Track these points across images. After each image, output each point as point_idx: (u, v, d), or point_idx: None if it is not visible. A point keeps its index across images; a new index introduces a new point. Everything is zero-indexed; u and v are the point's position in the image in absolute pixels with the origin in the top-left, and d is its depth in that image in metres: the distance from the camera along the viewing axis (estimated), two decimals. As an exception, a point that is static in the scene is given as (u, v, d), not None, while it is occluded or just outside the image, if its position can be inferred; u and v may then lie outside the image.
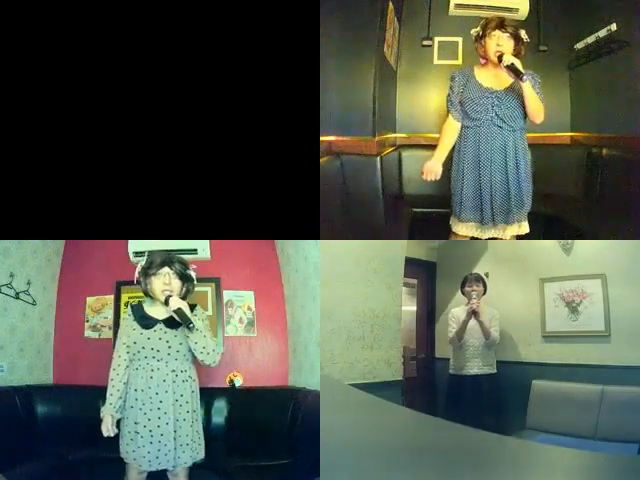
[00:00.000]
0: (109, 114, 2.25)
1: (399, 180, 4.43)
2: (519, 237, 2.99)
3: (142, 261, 2.43)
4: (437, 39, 4.71)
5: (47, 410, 3.34)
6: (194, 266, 2.52)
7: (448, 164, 2.93)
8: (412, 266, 4.20)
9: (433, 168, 2.85)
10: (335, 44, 3.40)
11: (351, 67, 3.58)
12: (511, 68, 2.62)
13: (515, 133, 2.79)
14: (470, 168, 2.83)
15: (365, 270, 3.40)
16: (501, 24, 2.69)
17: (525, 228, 2.94)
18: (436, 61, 4.73)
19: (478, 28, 2.78)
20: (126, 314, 2.46)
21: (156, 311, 2.42)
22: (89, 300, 3.90)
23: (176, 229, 2.33)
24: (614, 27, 3.63)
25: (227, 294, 3.94)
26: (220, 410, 3.47)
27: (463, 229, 2.95)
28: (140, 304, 2.49)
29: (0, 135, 2.22)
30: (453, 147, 2.91)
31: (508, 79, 2.75)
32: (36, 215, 2.26)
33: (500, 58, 2.65)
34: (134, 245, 3.73)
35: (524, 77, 2.59)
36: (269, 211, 2.33)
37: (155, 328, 2.37)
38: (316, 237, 2.46)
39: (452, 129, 2.87)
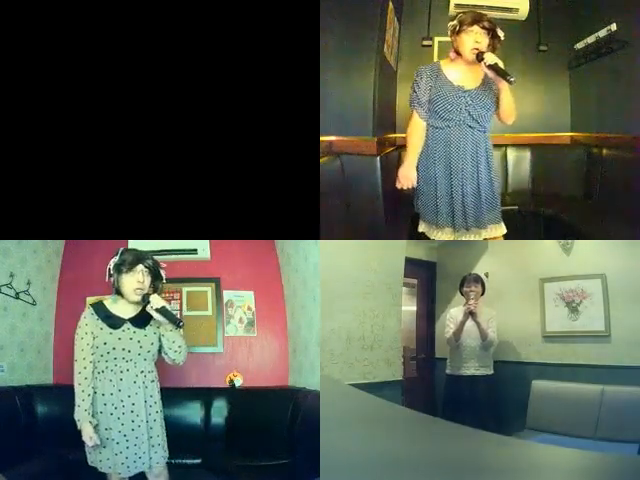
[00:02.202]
0: (109, 114, 2.26)
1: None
2: (505, 237, 2.87)
3: (115, 258, 2.32)
4: (437, 39, 4.72)
5: (47, 410, 3.34)
6: (164, 265, 2.43)
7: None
8: (412, 266, 4.20)
9: (409, 175, 2.65)
10: (335, 44, 3.40)
11: (351, 67, 3.58)
12: (495, 68, 2.47)
13: (485, 134, 2.66)
14: (442, 172, 2.67)
15: (365, 270, 3.40)
16: (479, 19, 2.54)
17: (503, 229, 2.78)
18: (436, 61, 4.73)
19: (455, 22, 2.59)
20: (88, 313, 2.29)
21: (121, 309, 2.31)
22: (89, 300, 3.90)
23: (176, 229, 2.33)
24: (614, 27, 3.64)
25: (227, 294, 3.94)
26: (220, 410, 3.47)
27: (441, 235, 2.81)
28: (101, 302, 2.35)
29: (0, 135, 2.22)
30: None
31: (479, 77, 2.62)
32: (36, 215, 2.26)
33: (479, 56, 2.49)
34: (134, 245, 3.72)
35: (511, 79, 2.43)
36: (269, 211, 2.32)
37: (123, 328, 2.27)
38: (316, 237, 2.46)
39: (420, 129, 2.68)
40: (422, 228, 2.86)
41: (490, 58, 2.47)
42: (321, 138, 2.82)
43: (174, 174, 2.30)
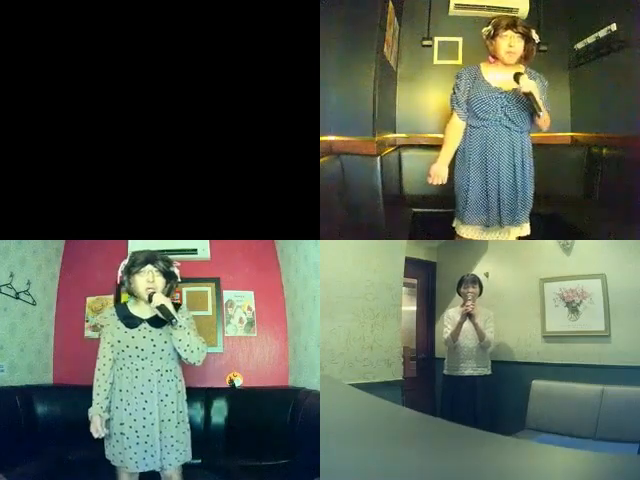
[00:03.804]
0: (109, 114, 2.26)
1: (399, 180, 4.43)
2: (519, 237, 2.98)
3: (125, 260, 2.39)
4: (437, 39, 4.72)
5: (47, 410, 3.34)
6: (178, 264, 2.47)
7: (451, 164, 2.86)
8: (412, 266, 4.20)
9: (439, 172, 2.78)
10: (335, 44, 3.40)
11: (351, 67, 3.58)
12: (528, 97, 2.57)
13: (522, 134, 2.74)
14: (476, 169, 2.76)
15: (365, 270, 3.40)
16: (513, 24, 2.63)
17: (527, 229, 2.90)
18: (436, 61, 4.73)
19: (490, 27, 2.69)
20: (109, 313, 2.41)
21: (140, 310, 2.38)
22: (89, 300, 3.90)
23: (176, 229, 2.33)
24: (614, 27, 3.63)
25: (227, 294, 3.94)
26: (220, 410, 3.47)
27: (468, 232, 2.89)
28: (124, 303, 2.46)
29: (0, 135, 2.22)
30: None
31: None
32: (36, 215, 2.26)
33: (516, 77, 2.59)
34: (134, 245, 3.73)
35: (540, 114, 2.56)
36: (269, 211, 2.33)
37: (139, 327, 2.34)
38: (316, 237, 2.46)
39: (457, 129, 2.79)
40: (454, 223, 2.97)
41: (525, 85, 2.57)
42: (321, 138, 2.83)
43: (174, 174, 2.30)
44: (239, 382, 3.73)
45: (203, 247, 3.83)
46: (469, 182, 2.78)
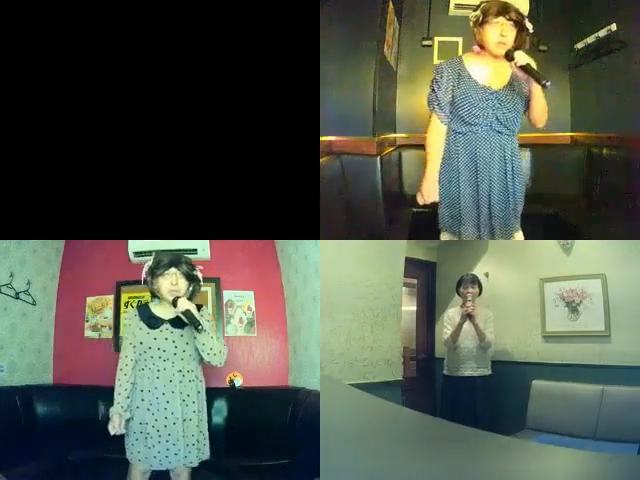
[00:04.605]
0: (109, 114, 2.25)
1: (399, 180, 4.43)
2: None
3: (149, 261, 2.43)
4: (437, 39, 4.72)
5: (47, 410, 3.34)
6: (200, 267, 2.52)
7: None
8: (412, 266, 4.20)
9: (432, 189, 2.48)
10: (335, 44, 3.40)
11: (351, 67, 3.58)
12: (527, 70, 2.27)
13: (513, 138, 2.46)
14: (466, 180, 2.47)
15: (365, 270, 3.40)
16: (505, 10, 2.28)
17: (520, 236, 2.67)
18: (436, 61, 4.73)
19: (478, 12, 2.34)
20: (132, 314, 2.44)
21: (162, 311, 2.41)
22: (89, 300, 3.90)
23: (176, 229, 2.33)
24: (614, 27, 3.63)
25: (227, 294, 3.94)
26: (220, 410, 3.47)
27: None
28: (146, 304, 2.49)
29: (0, 135, 2.22)
30: None
31: (506, 73, 2.40)
32: (36, 215, 2.26)
33: (508, 55, 2.28)
34: (134, 245, 3.73)
35: (547, 84, 2.24)
36: (269, 211, 2.33)
37: (161, 328, 2.37)
38: (316, 237, 2.46)
39: (440, 136, 2.45)
40: (445, 237, 2.72)
41: (521, 58, 2.26)
42: (321, 138, 2.82)
43: (174, 174, 2.30)
44: (239, 382, 3.73)
45: (203, 247, 3.83)
46: (459, 195, 2.50)
